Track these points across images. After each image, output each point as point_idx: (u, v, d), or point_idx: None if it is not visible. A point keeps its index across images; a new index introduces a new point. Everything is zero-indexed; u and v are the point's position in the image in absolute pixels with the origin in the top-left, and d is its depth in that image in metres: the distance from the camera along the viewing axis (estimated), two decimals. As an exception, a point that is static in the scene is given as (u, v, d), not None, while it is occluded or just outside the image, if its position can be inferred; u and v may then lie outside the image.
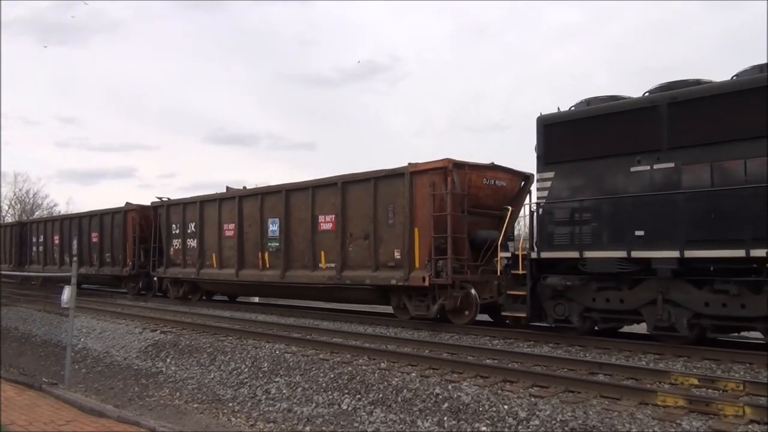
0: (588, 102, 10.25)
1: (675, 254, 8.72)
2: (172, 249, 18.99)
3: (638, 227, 9.20)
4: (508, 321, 11.15)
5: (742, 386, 6.45)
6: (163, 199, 20.15)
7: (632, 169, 9.40)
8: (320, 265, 14.08)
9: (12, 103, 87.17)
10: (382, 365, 8.18)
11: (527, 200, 11.89)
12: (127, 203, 21.70)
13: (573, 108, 10.34)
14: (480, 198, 12.25)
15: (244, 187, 17.78)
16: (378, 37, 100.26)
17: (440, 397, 6.64)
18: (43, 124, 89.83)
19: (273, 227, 15.34)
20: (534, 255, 10.18)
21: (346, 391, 7.33)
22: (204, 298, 18.94)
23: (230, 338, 10.96)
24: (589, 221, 9.78)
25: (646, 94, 9.63)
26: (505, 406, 6.17)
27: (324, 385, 7.66)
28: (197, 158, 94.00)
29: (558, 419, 5.73)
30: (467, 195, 11.97)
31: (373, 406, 6.82)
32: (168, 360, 10.16)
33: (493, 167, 12.71)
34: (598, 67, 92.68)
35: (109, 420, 6.45)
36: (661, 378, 7.01)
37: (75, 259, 10.11)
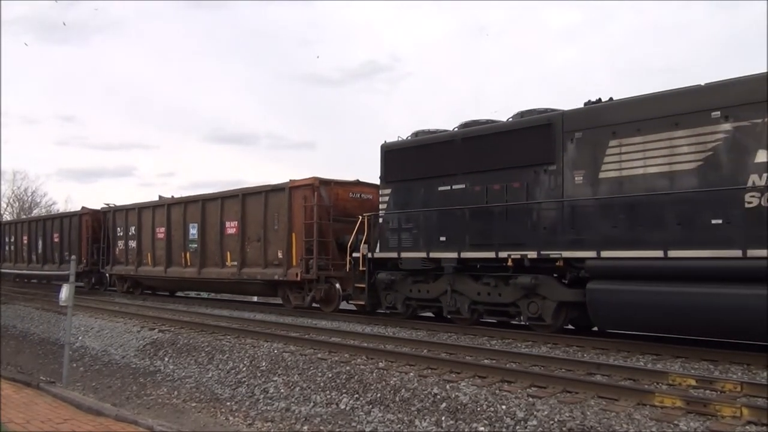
0: (416, 134, 12.88)
1: (455, 255, 11.40)
2: (117, 249, 21.78)
3: (441, 234, 11.73)
4: (353, 308, 14.18)
5: (739, 387, 6.45)
6: (111, 205, 23.08)
7: (439, 189, 11.91)
8: (227, 264, 16.88)
9: (12, 101, 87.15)
10: (380, 365, 8.19)
11: None
12: (83, 207, 24.55)
13: (408, 138, 12.96)
14: (348, 208, 14.72)
15: (172, 196, 20.25)
16: (379, 37, 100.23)
17: (438, 396, 6.64)
18: (43, 122, 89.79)
19: (193, 231, 18.04)
20: (371, 255, 12.91)
21: (344, 391, 7.33)
22: (147, 292, 21.51)
23: (228, 337, 10.96)
24: (409, 229, 12.37)
25: (455, 129, 12.16)
26: (503, 406, 6.18)
27: (322, 384, 7.66)
28: (197, 157, 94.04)
29: (556, 419, 5.74)
30: (334, 206, 14.67)
31: (371, 406, 6.82)
32: (166, 359, 10.16)
33: (357, 183, 15.63)
34: (598, 68, 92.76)
35: (107, 418, 6.44)
36: (658, 378, 7.02)
37: (74, 257, 10.07)
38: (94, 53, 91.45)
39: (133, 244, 20.91)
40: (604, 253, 9.35)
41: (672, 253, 8.64)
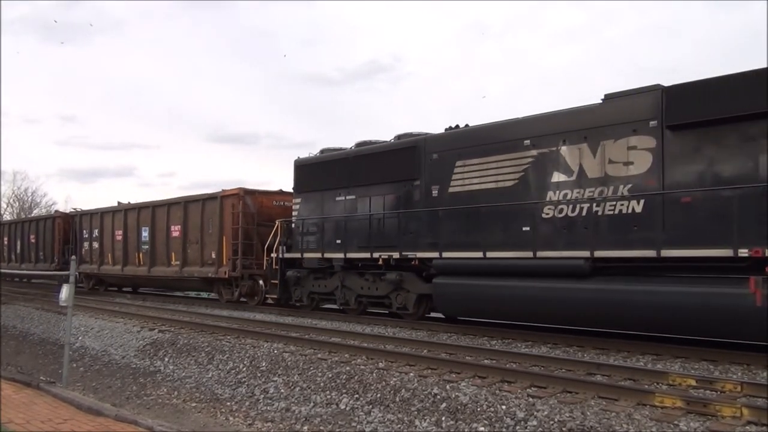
0: (322, 151, 15.07)
1: (342, 255, 13.56)
2: (83, 249, 23.71)
3: (337, 238, 13.83)
4: (270, 301, 16.04)
5: (739, 387, 6.46)
6: (78, 210, 25.79)
7: (336, 199, 14.06)
8: (172, 263, 18.82)
9: (13, 101, 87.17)
10: (380, 365, 8.19)
11: None
12: (56, 211, 27.36)
13: (315, 154, 15.15)
14: (272, 215, 16.41)
15: (129, 202, 22.34)
16: (380, 37, 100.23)
17: (438, 397, 6.64)
18: (44, 122, 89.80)
19: (145, 234, 20.08)
20: (282, 256, 15.10)
21: (344, 391, 7.33)
22: (111, 289, 23.88)
23: (228, 337, 10.96)
24: (313, 233, 14.58)
25: (351, 147, 14.31)
26: (503, 407, 6.18)
27: (322, 384, 7.66)
28: (197, 157, 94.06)
29: (556, 419, 5.74)
30: (259, 213, 16.64)
31: (371, 406, 6.82)
32: (166, 359, 10.16)
33: (280, 192, 17.56)
34: (598, 69, 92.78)
35: (107, 419, 6.43)
36: (658, 379, 7.02)
37: (74, 257, 10.06)
38: (94, 53, 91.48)
39: (96, 245, 22.94)
40: (445, 254, 11.53)
41: (494, 254, 10.74)
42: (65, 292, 8.27)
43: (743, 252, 8.08)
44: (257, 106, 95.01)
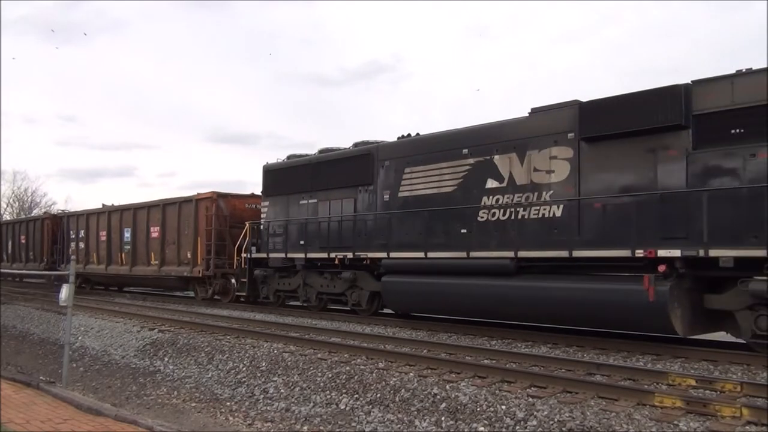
0: (289, 157, 16.06)
1: (303, 255, 14.53)
2: (70, 249, 24.48)
3: (300, 239, 14.69)
4: (241, 299, 16.99)
5: (739, 387, 6.46)
6: (66, 211, 27.28)
7: (300, 202, 15.00)
8: (151, 262, 19.74)
9: (13, 101, 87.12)
10: (380, 365, 8.19)
11: None
12: (45, 212, 28.18)
13: (282, 160, 16.16)
14: (244, 217, 17.13)
15: (112, 204, 23.16)
16: (381, 37, 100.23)
17: (438, 397, 6.64)
18: (44, 122, 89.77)
19: (127, 234, 21.07)
20: (250, 255, 16.03)
21: (344, 391, 7.33)
22: (98, 287, 24.81)
23: (228, 337, 10.96)
24: (279, 234, 15.47)
25: (315, 154, 15.33)
26: (503, 407, 6.18)
27: (322, 384, 7.66)
28: (197, 157, 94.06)
29: (556, 419, 5.74)
30: (232, 215, 17.55)
31: (370, 406, 6.82)
32: (166, 359, 10.16)
33: (252, 196, 18.17)
34: (599, 69, 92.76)
35: (107, 418, 6.43)
36: (658, 379, 7.02)
37: (73, 257, 10.06)
38: (95, 53, 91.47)
39: (82, 245, 23.91)
40: (393, 254, 12.44)
41: (434, 254, 11.66)
42: (65, 292, 8.26)
43: (639, 253, 8.93)
44: (258, 106, 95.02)
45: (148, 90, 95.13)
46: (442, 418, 6.20)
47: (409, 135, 13.29)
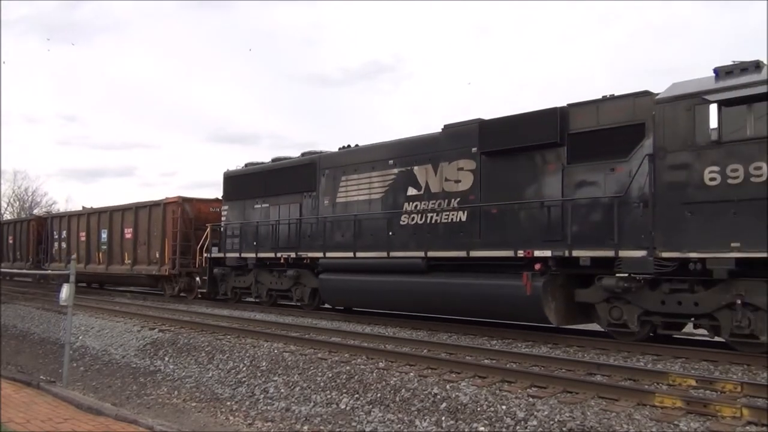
0: (246, 165, 17.44)
1: (254, 255, 16.03)
2: (54, 249, 26.04)
3: (254, 240, 16.07)
4: (200, 296, 18.45)
5: (739, 387, 6.45)
6: (50, 213, 29.65)
7: (254, 207, 16.46)
8: (125, 261, 21.20)
9: (15, 101, 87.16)
10: (381, 365, 8.18)
11: None
12: (32, 214, 30.10)
13: (241, 167, 17.57)
14: (209, 220, 18.70)
15: (91, 207, 24.62)
16: (383, 38, 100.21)
17: (438, 396, 6.64)
18: (45, 122, 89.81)
19: (103, 235, 22.41)
20: (209, 255, 17.51)
21: (344, 391, 7.33)
22: (80, 285, 24.08)
23: (228, 337, 10.96)
24: (235, 236, 16.85)
25: (268, 162, 16.85)
26: (503, 407, 6.18)
27: (322, 384, 7.66)
28: (198, 157, 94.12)
29: (556, 419, 5.74)
30: (197, 218, 19.05)
31: (371, 406, 6.82)
32: (166, 358, 10.16)
33: (217, 200, 19.40)
34: (599, 70, 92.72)
35: (107, 418, 6.43)
36: (659, 379, 7.02)
37: (73, 257, 10.08)
38: (97, 53, 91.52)
39: (64, 245, 25.27)
40: (328, 254, 13.87)
41: (362, 254, 13.11)
42: (65, 291, 8.26)
43: (521, 253, 10.35)
44: (259, 106, 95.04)
45: (150, 89, 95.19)
46: (443, 418, 6.20)
47: (348, 146, 14.62)
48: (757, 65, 8.70)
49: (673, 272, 8.82)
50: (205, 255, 17.63)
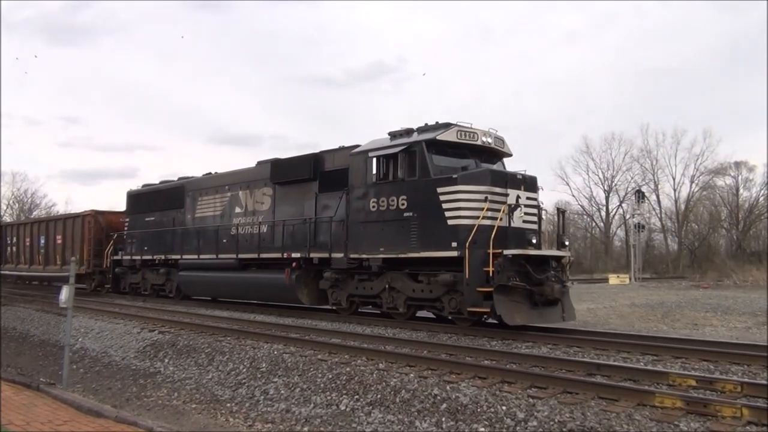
0: (144, 185, 22.04)
1: (140, 257, 20.43)
2: (8, 253, 29.78)
3: (144, 245, 20.34)
4: (110, 290, 22.63)
5: (740, 388, 6.46)
6: (4, 221, 34.05)
7: (145, 219, 20.62)
8: (57, 263, 24.87)
9: (17, 103, 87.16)
10: (381, 366, 8.18)
11: None
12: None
13: (140, 187, 22.26)
14: (119, 229, 22.48)
15: (35, 216, 29.21)
16: (385, 39, 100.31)
17: (438, 397, 6.64)
18: (47, 123, 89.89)
19: (42, 241, 26.18)
20: (112, 258, 21.94)
21: (345, 392, 7.32)
22: (34, 283, 29.29)
23: (228, 338, 10.95)
24: (131, 242, 21.10)
25: (158, 183, 21.48)
26: (504, 407, 6.18)
27: (322, 385, 7.66)
28: (200, 158, 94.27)
29: (556, 420, 5.74)
30: (110, 227, 22.92)
31: (371, 407, 6.81)
32: (166, 360, 10.15)
33: (126, 212, 22.72)
34: (600, 70, 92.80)
35: (107, 420, 6.43)
36: (659, 379, 7.02)
37: (74, 259, 10.09)
38: (100, 55, 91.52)
39: (15, 249, 29.14)
40: (185, 256, 18.20)
41: (204, 256, 17.34)
42: (65, 293, 8.26)
43: (285, 255, 14.58)
44: (261, 108, 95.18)
45: (151, 91, 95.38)
46: (443, 419, 6.20)
47: (210, 173, 19.16)
48: (408, 131, 12.61)
49: (359, 268, 13.01)
50: (110, 258, 22.02)
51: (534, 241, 11.37)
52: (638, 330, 13.54)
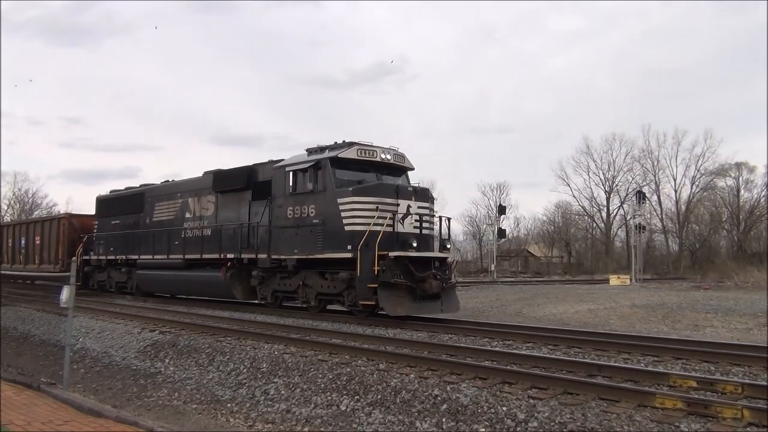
0: (111, 191, 24.14)
1: (105, 257, 22.18)
2: None
3: (108, 246, 22.25)
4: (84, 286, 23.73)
5: (740, 389, 6.45)
6: None
7: (112, 223, 22.19)
8: (36, 262, 26.49)
9: (19, 103, 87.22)
10: (381, 366, 8.18)
11: None
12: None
13: (108, 193, 24.06)
14: (92, 231, 23.87)
15: (17, 218, 30.52)
16: (387, 40, 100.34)
17: (439, 398, 6.64)
18: (49, 124, 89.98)
19: (23, 242, 27.99)
20: (85, 257, 22.95)
21: (345, 392, 7.32)
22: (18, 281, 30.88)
23: (229, 339, 10.95)
24: (99, 243, 22.77)
25: (124, 189, 23.56)
26: (504, 408, 6.17)
27: (323, 386, 7.66)
28: (202, 158, 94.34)
29: (557, 421, 5.74)
30: (83, 229, 24.33)
31: (371, 407, 6.81)
32: (167, 360, 10.16)
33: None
34: (600, 71, 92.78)
35: (108, 420, 6.43)
36: (659, 380, 7.01)
37: (74, 259, 10.08)
38: (103, 56, 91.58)
39: None
40: (142, 256, 20.00)
41: (158, 256, 19.17)
42: (66, 293, 8.26)
43: (222, 256, 16.43)
44: (262, 108, 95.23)
45: (153, 92, 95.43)
46: (443, 420, 6.20)
47: (167, 181, 21.48)
48: (321, 149, 14.25)
49: (279, 267, 14.90)
50: (80, 258, 22.62)
51: (414, 244, 12.97)
52: (639, 331, 13.54)
